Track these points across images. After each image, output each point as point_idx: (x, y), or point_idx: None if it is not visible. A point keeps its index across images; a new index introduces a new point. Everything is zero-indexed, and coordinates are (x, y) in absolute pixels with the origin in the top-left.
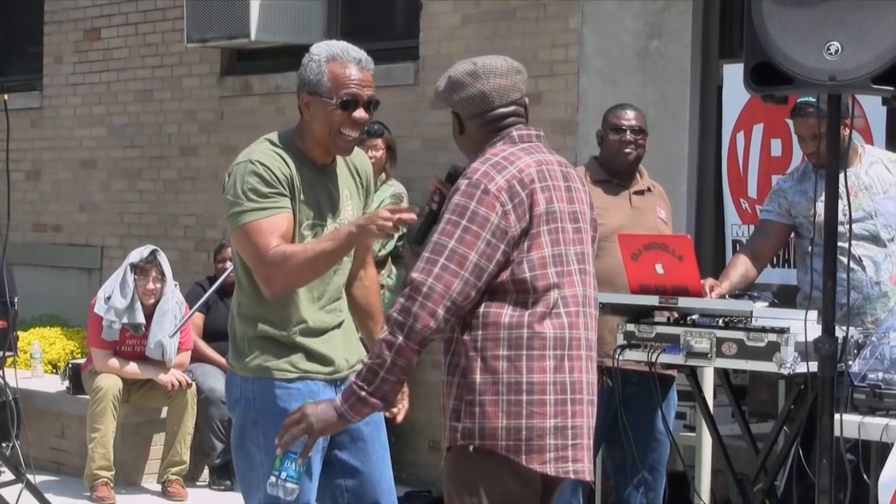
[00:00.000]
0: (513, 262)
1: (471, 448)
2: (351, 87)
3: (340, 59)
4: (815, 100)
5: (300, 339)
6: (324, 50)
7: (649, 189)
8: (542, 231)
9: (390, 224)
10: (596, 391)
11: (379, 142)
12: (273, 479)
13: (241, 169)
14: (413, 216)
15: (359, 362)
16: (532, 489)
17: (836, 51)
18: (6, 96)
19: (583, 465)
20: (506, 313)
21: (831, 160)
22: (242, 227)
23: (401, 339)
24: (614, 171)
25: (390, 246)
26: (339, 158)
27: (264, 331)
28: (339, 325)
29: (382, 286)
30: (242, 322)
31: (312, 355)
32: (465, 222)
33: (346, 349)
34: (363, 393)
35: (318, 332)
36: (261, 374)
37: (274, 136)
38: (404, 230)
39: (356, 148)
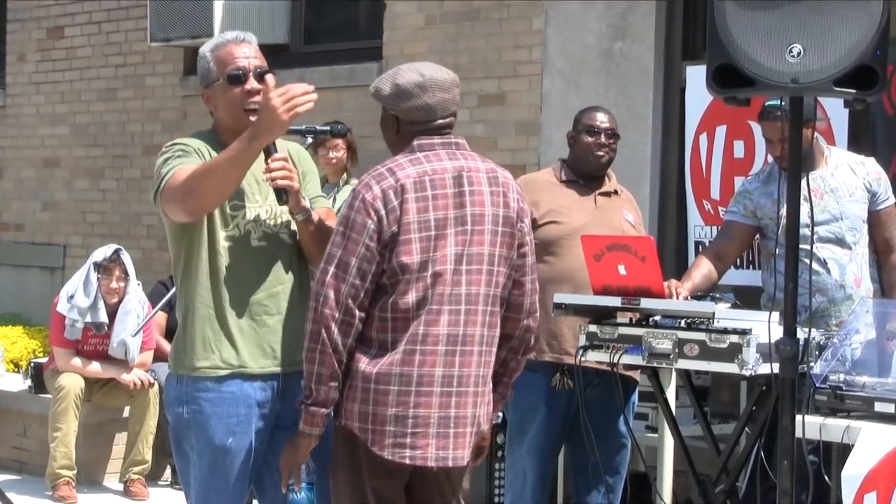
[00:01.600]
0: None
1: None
2: (234, 62)
3: (220, 44)
4: (782, 103)
5: (232, 321)
6: (206, 45)
7: (616, 192)
8: (413, 238)
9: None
10: (482, 383)
11: (340, 142)
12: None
13: (157, 160)
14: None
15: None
16: (385, 472)
17: (799, 53)
18: None
19: (424, 453)
20: (377, 310)
21: (793, 162)
22: (161, 193)
23: (318, 347)
24: (583, 173)
25: None
26: (280, 145)
27: (195, 315)
28: (279, 307)
29: None
30: (181, 314)
31: (250, 348)
32: (347, 231)
33: (293, 338)
34: (310, 407)
35: (253, 316)
36: (193, 373)
37: (193, 134)
38: None
39: (293, 143)
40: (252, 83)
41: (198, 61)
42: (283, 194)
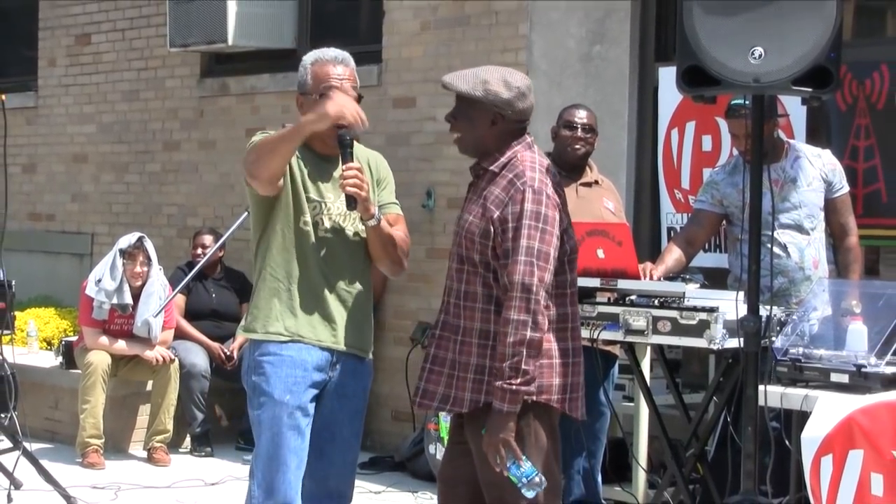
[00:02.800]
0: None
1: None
2: (329, 81)
3: (321, 60)
4: (745, 101)
5: (304, 294)
6: (310, 56)
7: (597, 182)
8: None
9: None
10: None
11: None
12: (523, 486)
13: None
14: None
15: (360, 349)
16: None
17: (760, 55)
18: (4, 97)
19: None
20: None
21: (756, 155)
22: (249, 149)
23: (531, 334)
24: (564, 164)
25: None
26: (360, 154)
27: (273, 289)
28: (341, 298)
29: None
30: (255, 288)
31: (310, 319)
32: (541, 224)
33: (351, 325)
34: (520, 387)
35: (319, 297)
36: (259, 336)
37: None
38: None
39: (374, 152)
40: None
41: (299, 68)
42: (352, 201)
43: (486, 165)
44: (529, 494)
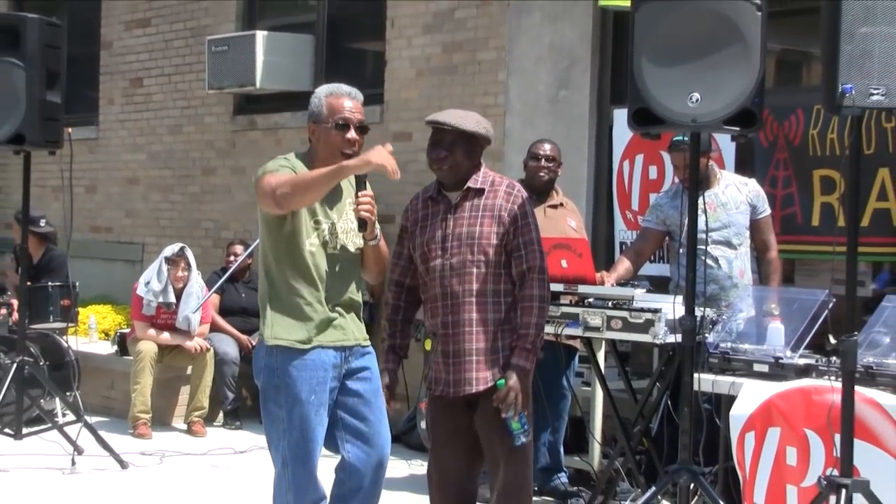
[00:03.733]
0: None
1: None
2: (344, 112)
3: (335, 93)
4: (684, 138)
5: (312, 302)
6: (324, 89)
7: (562, 204)
8: None
9: (387, 161)
10: None
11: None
12: (518, 434)
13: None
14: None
15: (364, 340)
16: None
17: (697, 100)
18: (70, 130)
19: None
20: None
21: (693, 182)
22: (258, 182)
23: (545, 307)
24: (533, 189)
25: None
26: (344, 186)
27: (282, 299)
28: (347, 299)
29: None
30: (270, 300)
31: (326, 326)
32: (534, 220)
33: (356, 326)
34: (537, 350)
35: (331, 306)
36: (283, 343)
37: (290, 154)
38: None
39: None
40: (352, 133)
41: (312, 99)
42: (363, 223)
43: (474, 185)
44: (523, 439)
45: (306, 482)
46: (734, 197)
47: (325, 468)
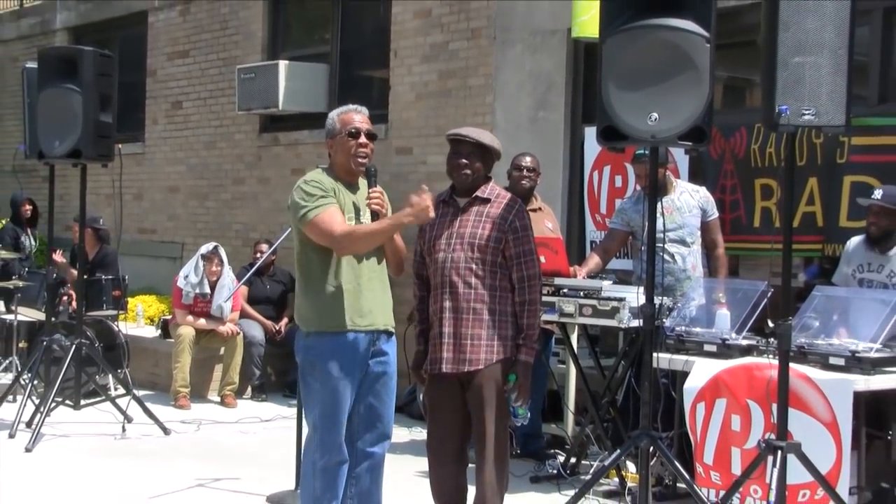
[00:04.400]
0: None
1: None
2: (354, 123)
3: (345, 111)
4: (645, 152)
5: (352, 292)
6: (336, 111)
7: (540, 208)
8: None
9: (430, 212)
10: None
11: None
12: (522, 417)
13: (298, 186)
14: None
15: (390, 326)
16: None
17: (655, 119)
18: (120, 145)
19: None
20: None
21: (652, 189)
22: (311, 221)
23: (539, 308)
24: (515, 195)
25: None
26: (362, 185)
27: (318, 291)
28: (374, 291)
29: None
30: (304, 295)
31: (358, 310)
32: (532, 232)
33: (384, 313)
34: (534, 344)
35: (358, 294)
36: (319, 328)
37: (318, 169)
38: None
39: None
40: (363, 138)
41: (327, 121)
42: (376, 215)
43: (478, 195)
44: (524, 421)
45: (331, 445)
46: (687, 202)
47: None
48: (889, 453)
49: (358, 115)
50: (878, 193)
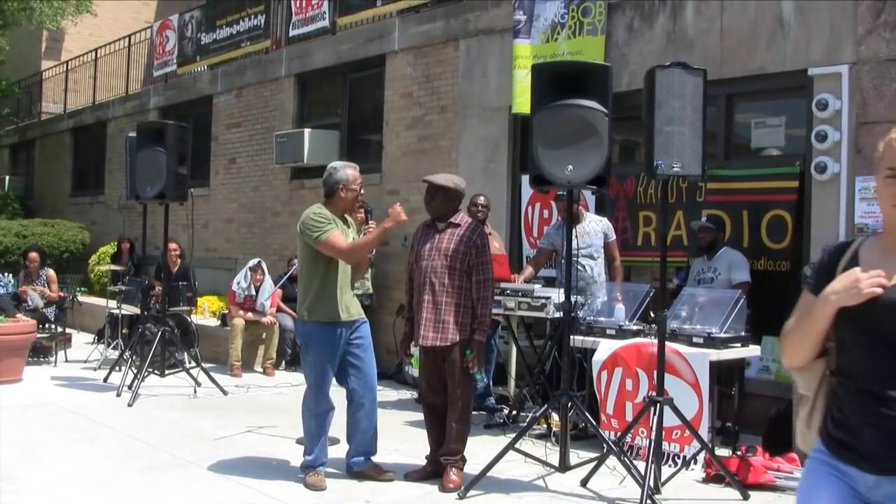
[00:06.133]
0: None
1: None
2: (358, 180)
3: (346, 166)
4: (563, 193)
5: (331, 296)
6: (338, 164)
7: (490, 233)
8: None
9: (402, 217)
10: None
11: (362, 210)
12: (479, 380)
13: (308, 215)
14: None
15: (361, 316)
16: None
17: (570, 170)
18: (192, 190)
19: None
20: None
21: (568, 219)
22: (323, 241)
23: (491, 301)
24: None
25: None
26: (347, 216)
27: (314, 294)
28: (350, 292)
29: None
30: (303, 291)
31: (338, 308)
32: (487, 249)
33: (356, 308)
34: (487, 329)
35: (339, 296)
36: (311, 319)
37: (319, 204)
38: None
39: (349, 217)
40: (360, 189)
41: (338, 169)
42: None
43: (452, 220)
44: (481, 383)
45: (321, 398)
46: (594, 228)
47: (338, 398)
48: (732, 403)
49: (356, 172)
50: (704, 219)
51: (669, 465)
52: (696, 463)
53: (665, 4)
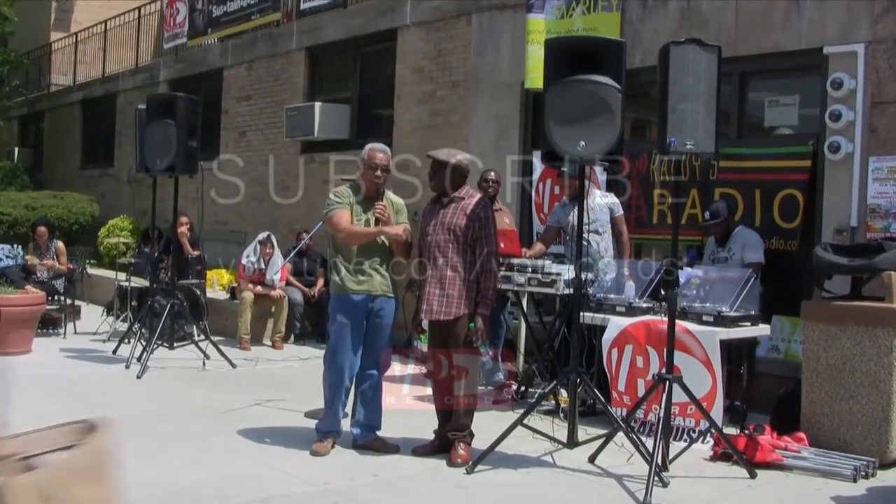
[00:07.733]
0: None
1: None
2: (375, 160)
3: (371, 148)
4: (567, 170)
5: (354, 269)
6: (367, 146)
7: (501, 209)
8: None
9: (402, 237)
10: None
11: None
12: (484, 352)
13: (328, 194)
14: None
15: (388, 292)
16: None
17: (582, 146)
18: (202, 163)
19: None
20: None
21: (580, 195)
22: (327, 217)
23: (497, 276)
24: None
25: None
26: (391, 198)
27: (339, 266)
28: (375, 269)
29: None
30: (334, 264)
31: (361, 280)
32: (492, 224)
33: (381, 281)
34: (491, 303)
35: (362, 268)
36: (337, 291)
37: (348, 183)
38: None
39: (398, 198)
40: (378, 172)
41: (364, 149)
42: (377, 221)
43: (455, 195)
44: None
45: (337, 367)
46: (599, 204)
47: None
48: (741, 381)
49: (378, 153)
50: (706, 215)
51: (684, 440)
52: (708, 438)
53: None
